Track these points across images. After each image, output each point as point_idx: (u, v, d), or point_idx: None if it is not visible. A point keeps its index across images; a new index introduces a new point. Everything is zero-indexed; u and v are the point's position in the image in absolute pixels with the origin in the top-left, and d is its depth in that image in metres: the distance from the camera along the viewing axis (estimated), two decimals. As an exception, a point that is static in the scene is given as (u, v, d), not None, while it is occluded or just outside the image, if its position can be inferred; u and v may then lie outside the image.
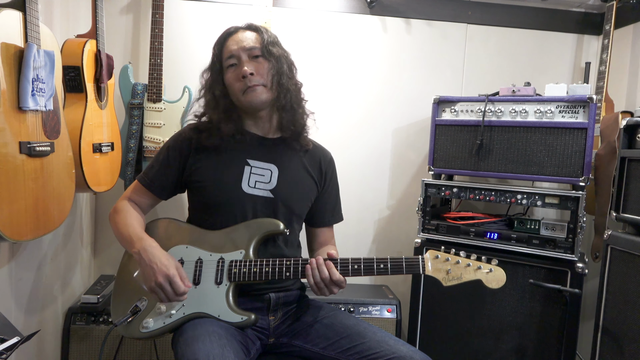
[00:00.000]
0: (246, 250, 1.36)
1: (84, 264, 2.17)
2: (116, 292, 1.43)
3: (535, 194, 1.85)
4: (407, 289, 2.29)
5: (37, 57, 1.29)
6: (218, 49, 1.44)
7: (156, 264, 1.26)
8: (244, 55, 1.39)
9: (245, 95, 1.39)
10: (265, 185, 1.43)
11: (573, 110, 1.82)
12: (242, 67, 1.38)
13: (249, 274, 1.33)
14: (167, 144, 1.49)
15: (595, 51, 2.41)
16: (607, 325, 1.57)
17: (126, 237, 1.36)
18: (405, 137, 2.41)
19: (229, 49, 1.41)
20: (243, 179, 1.41)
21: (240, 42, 1.40)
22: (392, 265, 1.29)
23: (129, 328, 1.32)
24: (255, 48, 1.40)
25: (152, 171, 1.48)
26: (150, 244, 1.31)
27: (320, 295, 1.31)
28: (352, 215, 2.39)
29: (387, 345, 1.25)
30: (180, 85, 2.11)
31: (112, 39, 2.15)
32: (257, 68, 1.39)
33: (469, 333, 1.95)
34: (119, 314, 1.37)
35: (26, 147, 1.27)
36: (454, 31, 2.38)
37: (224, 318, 1.30)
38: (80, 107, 1.68)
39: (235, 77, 1.40)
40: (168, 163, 1.45)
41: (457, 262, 1.26)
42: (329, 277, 1.27)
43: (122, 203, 1.48)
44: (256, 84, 1.38)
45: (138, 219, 1.44)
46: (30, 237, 1.34)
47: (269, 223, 1.40)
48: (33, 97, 1.28)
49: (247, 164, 1.43)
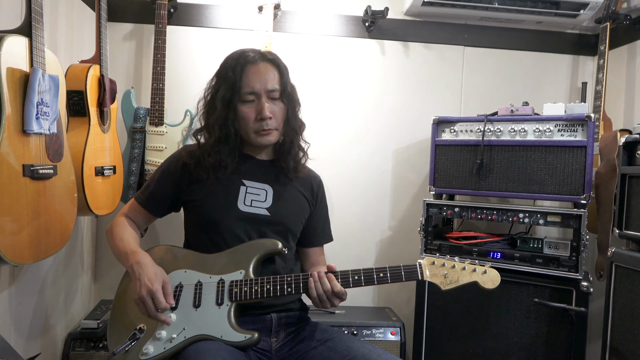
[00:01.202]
0: (246, 270, 1.36)
1: (84, 289, 2.15)
2: (113, 320, 1.41)
3: (537, 213, 1.85)
4: (410, 311, 2.27)
5: (42, 81, 1.31)
6: (236, 76, 1.37)
7: (143, 278, 1.28)
8: (265, 95, 1.38)
9: (258, 136, 1.41)
10: (261, 203, 1.45)
11: (572, 129, 1.84)
12: (263, 109, 1.37)
13: (250, 292, 1.32)
14: (162, 165, 1.52)
15: (591, 71, 2.44)
16: (615, 345, 1.55)
17: (121, 251, 1.40)
18: (405, 157, 2.42)
19: (251, 84, 1.37)
20: (239, 198, 1.43)
21: (263, 81, 1.38)
22: (391, 274, 1.31)
23: (128, 356, 1.29)
24: (276, 90, 1.40)
25: (147, 190, 1.50)
26: (142, 258, 1.34)
27: (322, 308, 1.32)
28: (353, 236, 2.39)
29: None
30: (182, 109, 2.14)
31: (115, 65, 2.19)
32: (274, 111, 1.40)
33: (475, 354, 1.92)
34: (117, 341, 1.34)
35: (29, 169, 1.28)
36: (451, 53, 2.42)
37: (227, 338, 1.28)
38: (83, 131, 1.70)
39: (252, 114, 1.39)
40: (163, 183, 1.48)
41: (453, 266, 1.31)
42: (331, 289, 1.28)
43: (120, 219, 1.51)
44: (271, 128, 1.40)
45: (133, 234, 1.48)
46: (32, 260, 1.33)
47: (267, 243, 1.40)
48: (37, 120, 1.29)
49: (243, 184, 1.45)
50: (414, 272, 1.32)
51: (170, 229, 2.19)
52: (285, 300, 1.46)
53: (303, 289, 1.32)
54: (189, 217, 1.50)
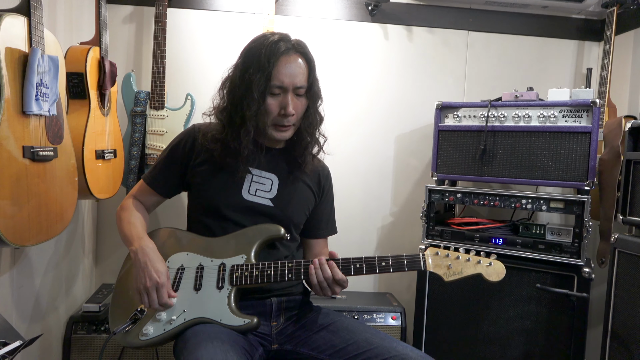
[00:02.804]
0: (247, 254, 1.35)
1: (85, 273, 2.15)
2: (115, 301, 1.41)
3: (540, 199, 1.84)
4: (411, 296, 2.27)
5: (41, 62, 1.29)
6: (269, 64, 1.30)
7: (149, 268, 1.28)
8: (292, 91, 1.34)
9: (274, 130, 1.38)
10: (266, 193, 1.43)
11: (576, 115, 1.82)
12: (288, 105, 1.33)
13: (250, 277, 1.32)
14: (171, 143, 1.49)
15: (596, 57, 2.42)
16: (617, 330, 1.55)
17: (127, 234, 1.39)
18: (407, 143, 2.41)
19: (280, 78, 1.31)
20: (244, 186, 1.41)
21: (293, 76, 1.33)
22: (393, 263, 1.29)
23: (128, 336, 1.30)
24: (303, 87, 1.36)
25: (155, 170, 1.48)
26: (147, 244, 1.33)
27: (322, 295, 1.31)
28: (355, 222, 2.38)
29: (395, 352, 1.23)
30: (183, 93, 2.12)
31: (115, 48, 2.16)
32: (296, 107, 1.36)
33: (475, 340, 1.93)
34: (118, 322, 1.35)
35: (29, 151, 1.27)
36: (455, 38, 2.39)
37: (226, 322, 1.28)
38: (84, 114, 1.68)
39: (276, 108, 1.34)
40: (171, 162, 1.46)
41: (457, 257, 1.29)
42: (332, 277, 1.27)
43: (128, 201, 1.49)
44: (290, 124, 1.38)
45: (141, 218, 1.46)
46: (33, 242, 1.33)
47: (270, 228, 1.39)
48: (37, 101, 1.28)
49: (249, 172, 1.42)
50: (417, 262, 1.30)
51: (174, 212, 2.19)
52: (286, 285, 1.45)
53: (304, 276, 1.31)
54: (193, 199, 1.48)
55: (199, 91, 2.14)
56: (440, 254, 1.30)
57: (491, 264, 1.28)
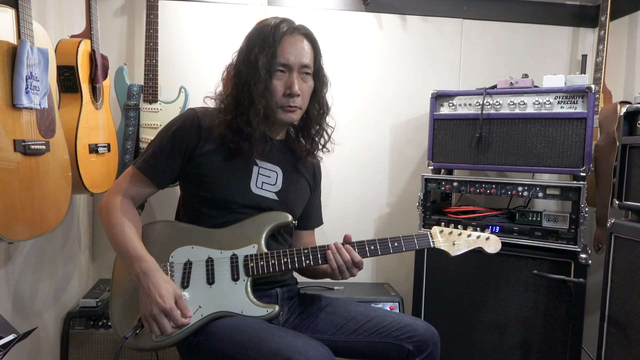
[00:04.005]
0: (258, 244, 1.32)
1: (82, 268, 2.14)
2: (116, 300, 1.32)
3: (537, 186, 1.83)
4: (408, 286, 2.27)
5: (30, 54, 1.28)
6: (274, 42, 1.27)
7: (152, 293, 1.18)
8: (297, 70, 1.31)
9: (282, 112, 1.33)
10: (271, 187, 1.40)
11: (572, 101, 1.82)
12: (293, 84, 1.29)
13: (267, 266, 1.29)
14: (171, 128, 1.33)
15: (591, 44, 2.41)
16: (614, 315, 1.55)
17: (123, 250, 1.26)
18: (403, 133, 2.40)
19: (285, 55, 1.28)
20: (252, 179, 1.37)
21: (299, 54, 1.30)
22: (405, 242, 1.34)
23: (140, 339, 1.22)
24: (309, 67, 1.33)
25: (154, 158, 1.33)
26: (148, 266, 1.22)
27: (341, 278, 1.31)
28: (351, 213, 2.38)
29: (391, 319, 1.32)
30: (177, 86, 2.10)
31: (106, 41, 2.14)
32: (302, 89, 1.32)
33: (473, 328, 1.93)
34: (123, 324, 1.26)
35: (21, 145, 1.26)
36: (449, 27, 2.37)
37: (248, 313, 1.26)
38: (76, 108, 1.67)
39: (281, 88, 1.30)
40: (173, 150, 1.32)
41: (460, 234, 1.39)
42: (350, 260, 1.28)
43: (116, 200, 1.32)
44: (296, 106, 1.33)
45: (136, 227, 1.33)
46: (27, 237, 1.32)
47: (277, 216, 1.37)
48: (27, 94, 1.26)
49: (256, 164, 1.38)
50: (425, 240, 1.36)
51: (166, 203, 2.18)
52: (287, 276, 1.47)
53: (322, 260, 1.31)
54: (194, 191, 1.36)
55: (193, 84, 2.13)
56: (445, 232, 1.39)
57: (489, 238, 1.38)
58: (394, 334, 1.29)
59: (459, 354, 1.95)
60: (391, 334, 1.30)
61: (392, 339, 1.29)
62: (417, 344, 1.28)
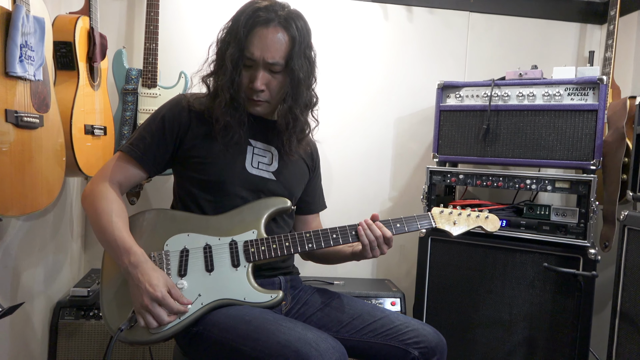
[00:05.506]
0: (257, 229, 1.28)
1: (73, 257, 2.07)
2: (107, 292, 1.24)
3: (545, 179, 1.79)
4: (409, 283, 2.22)
5: (25, 21, 1.21)
6: (243, 33, 1.23)
7: (144, 284, 1.13)
8: (262, 66, 1.25)
9: (249, 105, 1.30)
10: (268, 167, 1.37)
11: (582, 93, 1.78)
12: (255, 79, 1.25)
13: (268, 251, 1.25)
14: (160, 112, 1.32)
15: (598, 40, 2.38)
16: (626, 310, 1.50)
17: (110, 241, 1.20)
18: (407, 127, 2.35)
19: (251, 49, 1.23)
20: (247, 158, 1.33)
21: (265, 50, 1.23)
22: (407, 223, 1.34)
23: (136, 332, 1.15)
24: (278, 64, 1.25)
25: (143, 143, 1.29)
26: (138, 259, 1.16)
27: (371, 256, 1.30)
28: (353, 207, 2.32)
29: (398, 321, 1.27)
30: (176, 71, 2.05)
31: (105, 23, 2.08)
32: (270, 84, 1.28)
33: (478, 324, 1.87)
34: (118, 316, 1.19)
35: (13, 115, 1.19)
36: (456, 19, 2.33)
37: (251, 300, 1.20)
38: (72, 86, 1.61)
39: (246, 79, 1.27)
40: (163, 134, 1.29)
41: (459, 214, 1.39)
42: (382, 235, 1.28)
43: (103, 187, 1.26)
44: (261, 100, 1.29)
45: (123, 216, 1.26)
46: (17, 212, 1.25)
47: (277, 201, 1.34)
48: (21, 63, 1.20)
49: (250, 144, 1.35)
50: (427, 220, 1.36)
51: (163, 194, 2.11)
52: (289, 263, 1.42)
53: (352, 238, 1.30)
54: (187, 175, 1.33)
55: (193, 69, 2.05)
56: (445, 212, 1.38)
57: (488, 217, 1.38)
58: (401, 337, 1.24)
59: (463, 350, 1.89)
60: (397, 337, 1.24)
61: (398, 343, 1.24)
62: (424, 350, 1.23)
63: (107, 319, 1.21)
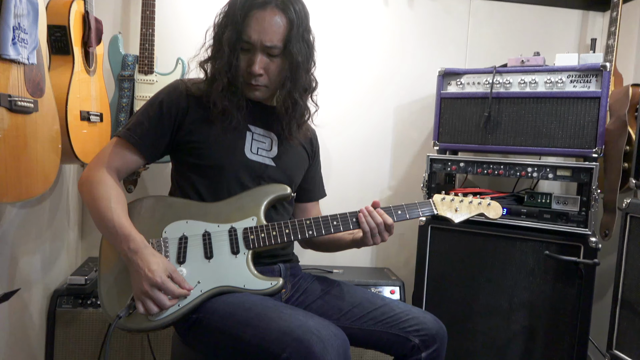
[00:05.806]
0: (257, 216, 1.27)
1: (70, 245, 2.05)
2: (105, 280, 1.23)
3: (547, 167, 1.77)
4: (408, 272, 2.21)
5: (18, 2, 1.18)
6: (240, 17, 1.21)
7: (143, 269, 1.11)
8: (260, 50, 1.23)
9: (247, 89, 1.28)
10: (267, 152, 1.35)
11: (585, 80, 1.76)
12: (253, 63, 1.23)
13: (268, 237, 1.24)
14: (158, 97, 1.31)
15: (600, 28, 2.36)
16: (627, 298, 1.50)
17: (110, 227, 1.19)
18: (407, 115, 2.33)
19: (249, 32, 1.21)
20: (246, 144, 1.32)
21: (263, 33, 1.21)
22: (408, 210, 1.32)
23: (135, 320, 1.14)
24: (276, 48, 1.23)
25: (141, 128, 1.27)
26: (138, 245, 1.15)
27: (372, 243, 1.28)
28: (353, 195, 2.31)
29: (399, 309, 1.27)
30: (173, 57, 2.01)
31: (101, 8, 2.03)
32: (268, 68, 1.26)
33: (477, 313, 1.87)
34: (116, 303, 1.18)
35: (6, 99, 1.16)
36: (457, 5, 2.30)
37: (251, 287, 1.20)
38: (67, 70, 1.57)
39: (244, 63, 1.25)
40: (161, 119, 1.27)
41: (461, 200, 1.37)
42: (383, 222, 1.26)
43: (100, 173, 1.25)
44: (259, 85, 1.27)
45: (122, 202, 1.25)
46: (11, 198, 1.23)
47: (277, 188, 1.32)
48: (14, 45, 1.17)
49: (249, 130, 1.33)
50: (428, 206, 1.34)
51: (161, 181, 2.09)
52: (289, 251, 1.41)
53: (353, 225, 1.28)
54: (186, 161, 1.32)
55: (190, 55, 2.01)
56: (447, 199, 1.36)
57: (490, 204, 1.37)
58: (401, 325, 1.24)
59: (463, 339, 1.89)
60: (398, 325, 1.24)
61: (398, 330, 1.24)
62: (424, 338, 1.23)
63: (106, 306, 1.20)
